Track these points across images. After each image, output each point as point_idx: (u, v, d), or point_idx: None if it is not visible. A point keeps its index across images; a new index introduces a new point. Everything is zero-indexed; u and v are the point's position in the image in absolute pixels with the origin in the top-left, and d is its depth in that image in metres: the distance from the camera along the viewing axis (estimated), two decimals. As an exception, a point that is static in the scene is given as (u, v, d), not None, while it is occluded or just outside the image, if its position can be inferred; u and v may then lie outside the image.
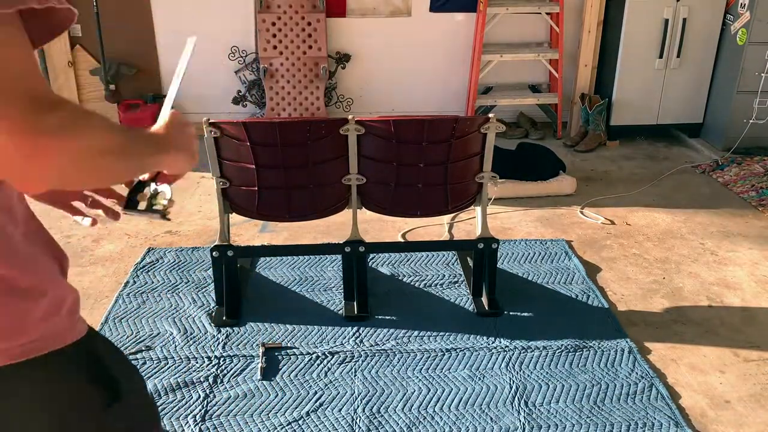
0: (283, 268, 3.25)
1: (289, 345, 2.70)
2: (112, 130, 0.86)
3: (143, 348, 2.66)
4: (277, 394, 2.44)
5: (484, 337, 2.76)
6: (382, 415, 2.35)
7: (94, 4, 4.69)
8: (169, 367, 2.56)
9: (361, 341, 2.73)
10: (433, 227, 3.71)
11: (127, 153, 0.89)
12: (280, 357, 2.63)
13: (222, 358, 2.61)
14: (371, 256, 3.31)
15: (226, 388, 2.46)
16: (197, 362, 2.59)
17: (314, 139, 2.65)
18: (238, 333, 2.76)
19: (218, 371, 2.54)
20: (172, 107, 1.13)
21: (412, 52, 5.13)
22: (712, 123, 4.95)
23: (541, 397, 2.43)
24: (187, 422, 2.29)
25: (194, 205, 3.94)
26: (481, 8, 4.84)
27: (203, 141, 2.65)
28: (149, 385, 2.46)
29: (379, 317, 2.89)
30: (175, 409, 2.36)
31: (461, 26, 5.07)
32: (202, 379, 2.49)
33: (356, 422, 2.32)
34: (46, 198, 1.18)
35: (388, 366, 2.59)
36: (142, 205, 1.12)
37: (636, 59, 4.81)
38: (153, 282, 3.12)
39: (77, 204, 1.24)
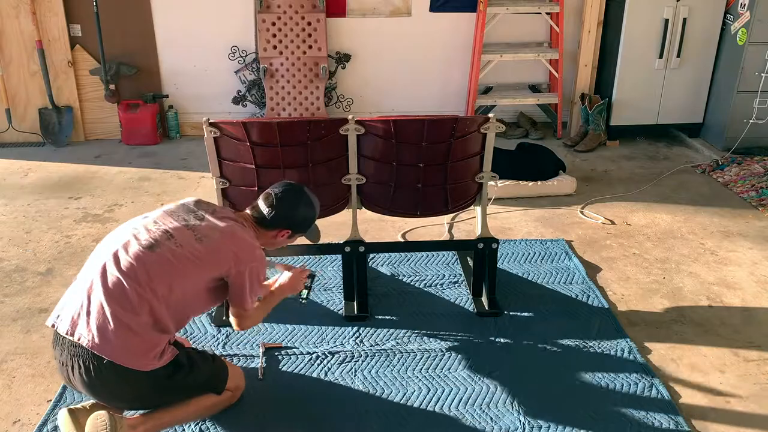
0: (283, 268, 3.25)
1: (289, 345, 2.70)
2: (264, 311, 2.39)
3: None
4: (277, 394, 2.44)
5: (484, 337, 2.76)
6: (383, 415, 2.35)
7: (94, 4, 4.69)
8: (169, 367, 2.55)
9: (361, 341, 2.73)
10: (433, 227, 3.71)
11: (266, 311, 2.41)
12: (280, 357, 2.63)
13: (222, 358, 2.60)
14: (371, 256, 3.31)
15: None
16: (197, 362, 2.58)
17: (314, 139, 2.65)
18: (238, 333, 2.76)
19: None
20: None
21: (412, 52, 5.13)
22: (712, 123, 4.95)
23: (541, 397, 2.43)
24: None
25: (194, 205, 3.93)
26: (481, 8, 4.84)
27: (203, 141, 2.66)
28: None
29: (379, 317, 2.89)
30: (175, 409, 2.35)
31: (461, 26, 5.07)
32: (202, 379, 2.49)
33: (357, 422, 2.32)
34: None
35: (388, 366, 2.59)
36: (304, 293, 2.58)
37: (636, 59, 4.81)
38: (153, 282, 3.11)
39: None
